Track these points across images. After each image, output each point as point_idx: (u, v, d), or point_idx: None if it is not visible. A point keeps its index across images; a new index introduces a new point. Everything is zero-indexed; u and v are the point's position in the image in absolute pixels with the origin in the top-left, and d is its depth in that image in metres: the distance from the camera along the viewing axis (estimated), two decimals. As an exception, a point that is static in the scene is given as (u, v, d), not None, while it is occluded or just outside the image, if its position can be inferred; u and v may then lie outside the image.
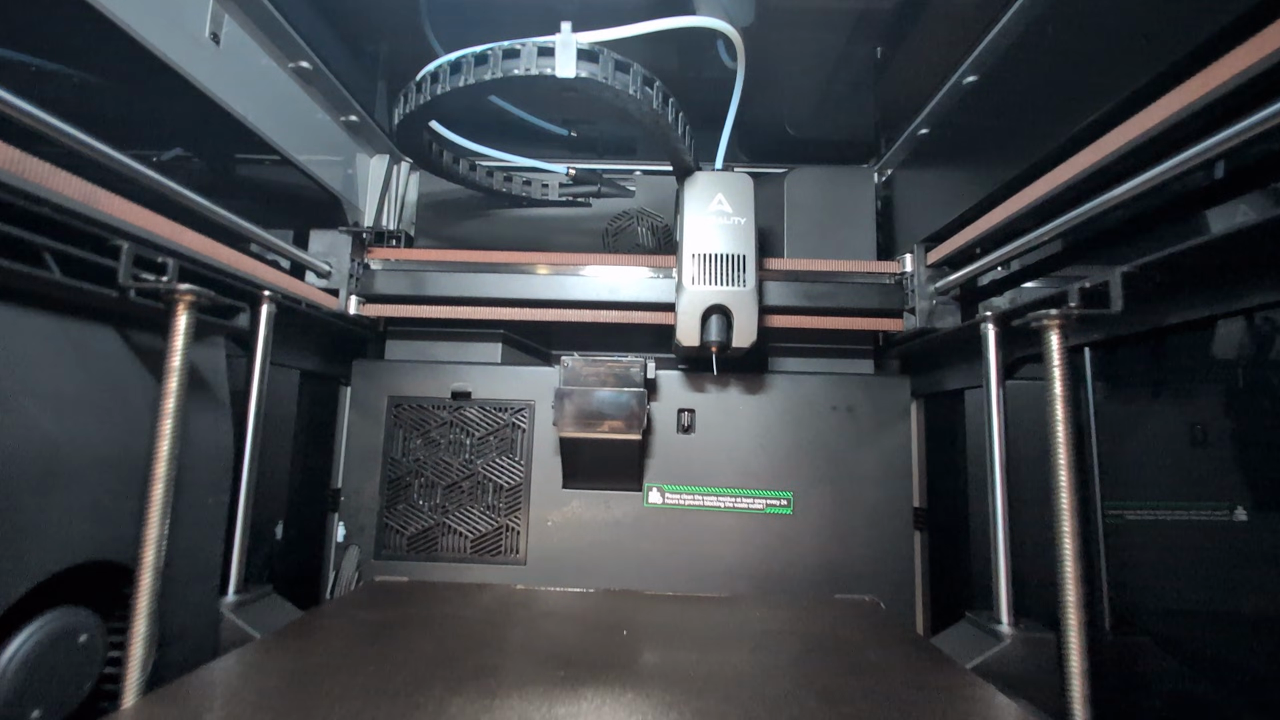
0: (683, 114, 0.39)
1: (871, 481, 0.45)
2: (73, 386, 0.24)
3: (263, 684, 0.24)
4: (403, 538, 0.45)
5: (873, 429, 0.46)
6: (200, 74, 0.33)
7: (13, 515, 0.21)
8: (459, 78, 0.33)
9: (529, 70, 0.31)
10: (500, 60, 0.32)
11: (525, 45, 0.31)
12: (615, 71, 0.32)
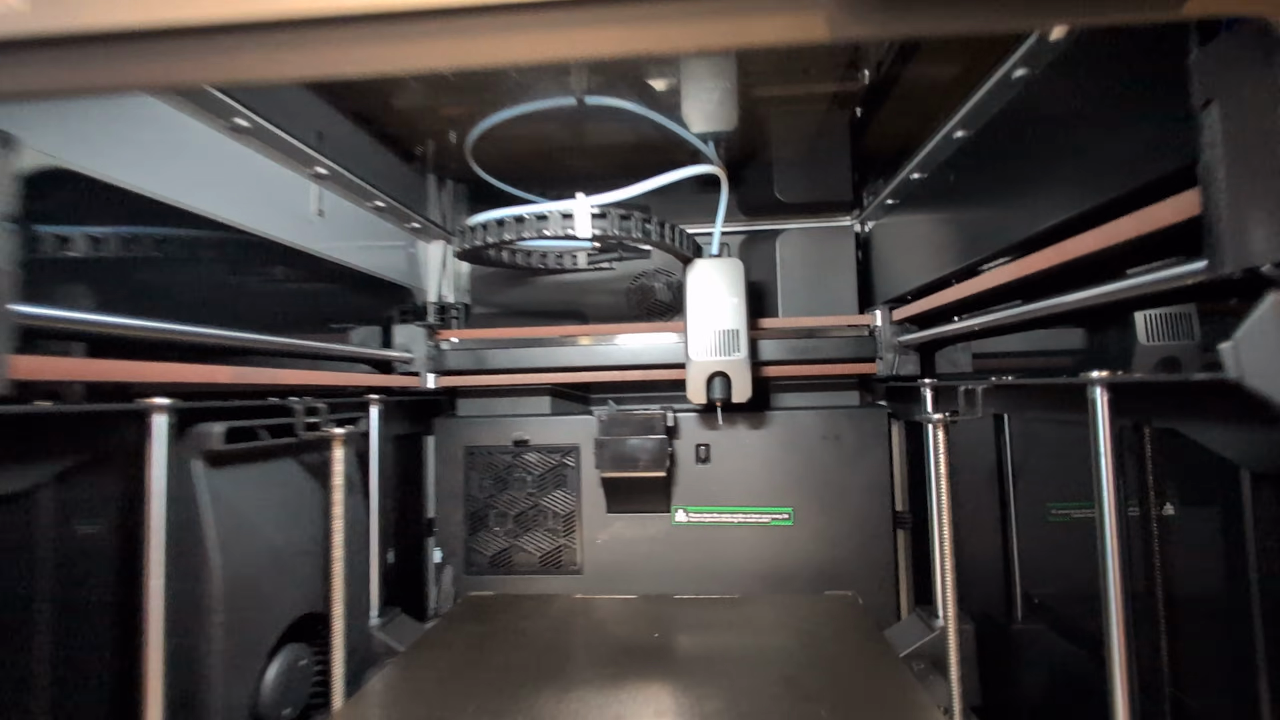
0: (677, 227, 0.49)
1: (857, 494, 0.56)
2: (278, 506, 0.37)
3: (418, 684, 0.38)
4: (485, 557, 0.59)
5: (857, 452, 0.57)
6: (313, 243, 0.46)
7: (265, 595, 0.35)
8: (503, 231, 0.44)
9: (558, 232, 0.42)
10: (534, 222, 0.43)
11: (552, 212, 0.42)
12: (620, 222, 0.43)
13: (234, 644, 0.32)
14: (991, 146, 0.39)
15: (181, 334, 0.32)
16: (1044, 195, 0.32)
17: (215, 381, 0.33)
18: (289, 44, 0.18)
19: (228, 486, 0.33)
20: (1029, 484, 0.45)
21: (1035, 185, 0.33)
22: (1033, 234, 0.32)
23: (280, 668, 0.36)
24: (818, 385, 0.59)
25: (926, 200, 0.50)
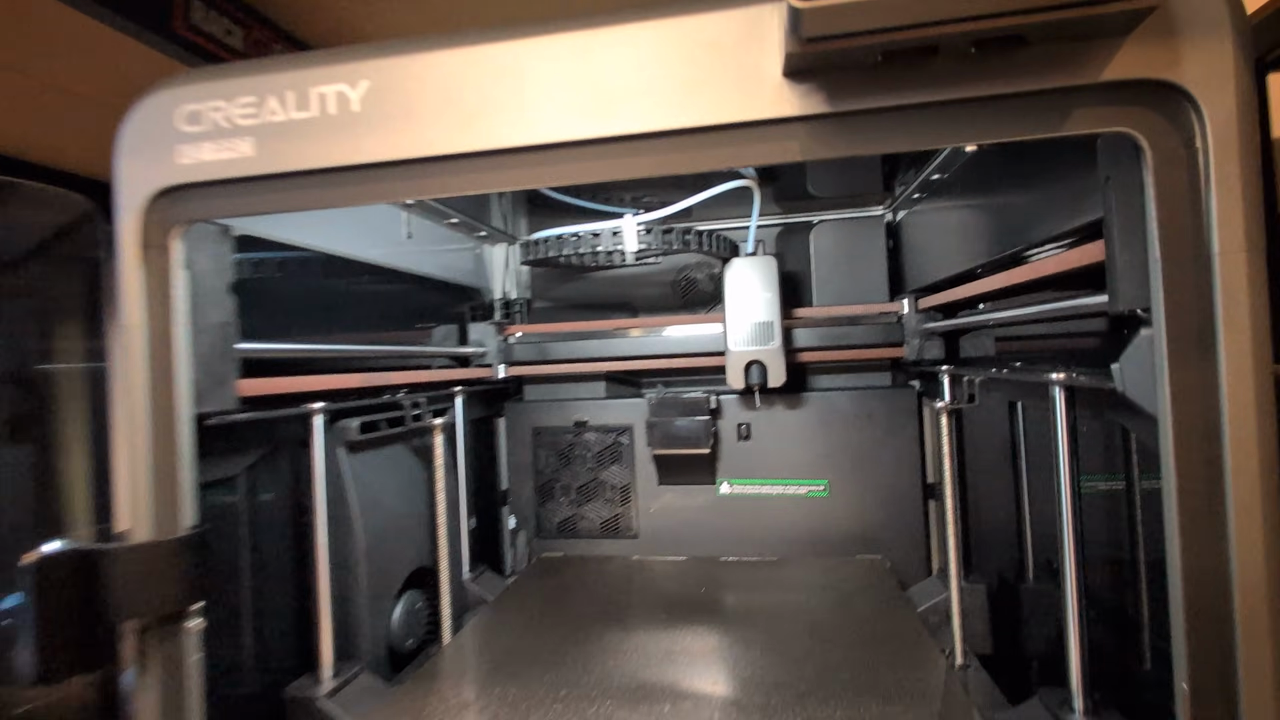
0: (714, 234, 0.57)
1: (889, 468, 0.64)
2: (397, 483, 0.48)
3: (505, 627, 0.48)
4: (553, 523, 0.69)
5: (889, 429, 0.64)
6: (405, 262, 0.55)
7: (391, 550, 0.45)
8: (562, 246, 0.52)
9: (609, 248, 0.51)
10: (590, 239, 0.51)
11: (603, 230, 0.51)
12: (663, 235, 0.51)
13: (373, 587, 0.43)
14: (979, 171, 0.45)
15: (325, 352, 0.42)
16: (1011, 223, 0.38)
17: (349, 387, 0.43)
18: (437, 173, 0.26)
19: (362, 467, 0.44)
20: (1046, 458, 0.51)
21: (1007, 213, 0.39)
22: (1010, 253, 0.38)
23: (403, 608, 0.47)
24: (851, 368, 0.66)
25: (945, 201, 0.55)
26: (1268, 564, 0.21)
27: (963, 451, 0.55)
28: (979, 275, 0.47)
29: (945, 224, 0.56)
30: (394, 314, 0.58)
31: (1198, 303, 0.22)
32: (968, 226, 0.50)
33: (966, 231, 0.50)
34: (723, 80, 0.24)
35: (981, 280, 0.45)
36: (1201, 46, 0.21)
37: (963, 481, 0.58)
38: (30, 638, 0.26)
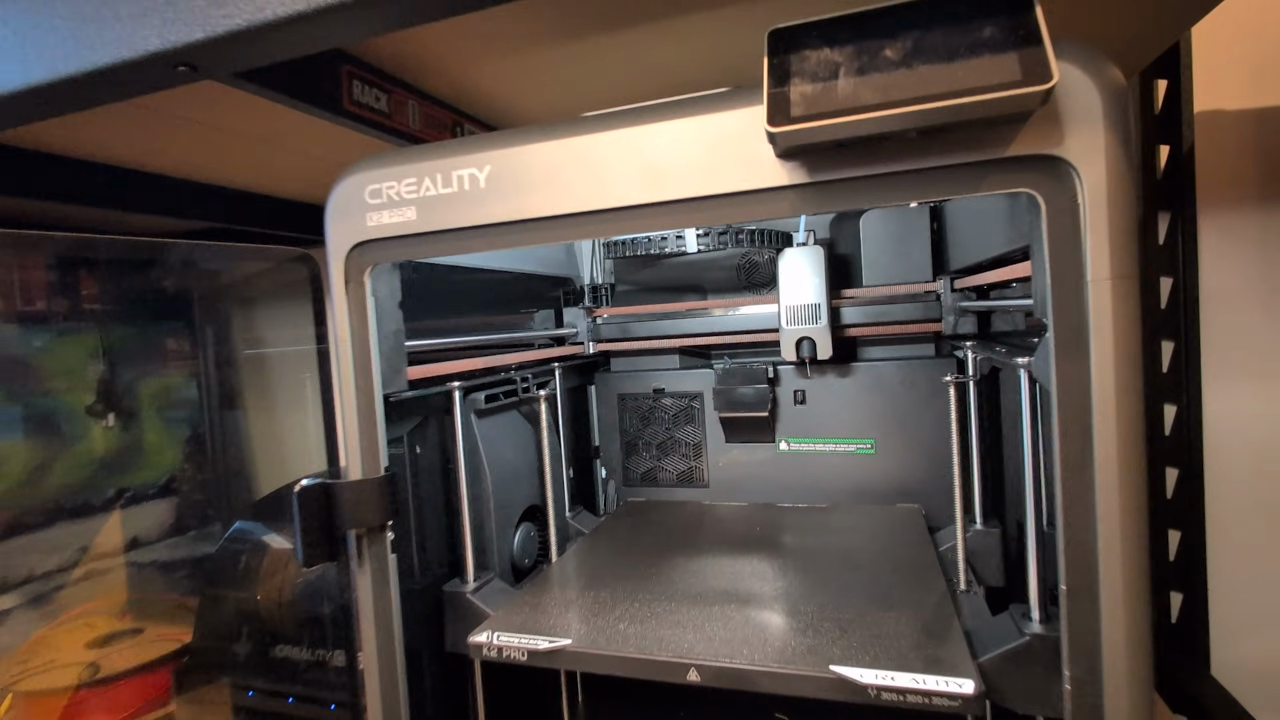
0: (766, 231, 0.66)
1: (930, 429, 0.71)
2: (512, 441, 0.61)
3: (599, 553, 0.62)
4: (637, 474, 0.82)
5: (930, 394, 0.71)
6: (517, 264, 0.68)
7: (511, 492, 0.60)
8: (637, 248, 0.63)
9: (673, 249, 0.61)
10: (658, 241, 0.62)
11: (668, 235, 0.61)
12: (719, 236, 0.61)
13: (499, 518, 0.57)
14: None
15: (459, 344, 0.55)
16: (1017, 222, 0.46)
17: (476, 369, 0.57)
18: (537, 229, 0.38)
19: (488, 429, 0.57)
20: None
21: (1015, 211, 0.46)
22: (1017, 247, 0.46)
23: (521, 535, 0.61)
24: (896, 340, 0.73)
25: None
26: (1120, 497, 0.30)
27: (997, 414, 0.63)
28: (1000, 263, 0.54)
29: (979, 213, 0.62)
30: (506, 305, 0.71)
31: (1077, 316, 0.30)
32: (994, 218, 0.57)
33: (994, 222, 0.57)
34: (735, 160, 0.34)
35: (1001, 269, 0.52)
36: (1079, 128, 0.29)
37: (998, 441, 0.66)
38: (298, 537, 0.41)
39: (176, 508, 1.04)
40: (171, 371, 1.07)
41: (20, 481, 0.88)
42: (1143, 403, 0.30)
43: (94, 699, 0.68)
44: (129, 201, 0.70)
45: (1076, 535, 0.31)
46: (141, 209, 0.72)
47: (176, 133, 0.60)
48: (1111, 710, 0.31)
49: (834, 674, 0.38)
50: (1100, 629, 0.31)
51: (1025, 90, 0.26)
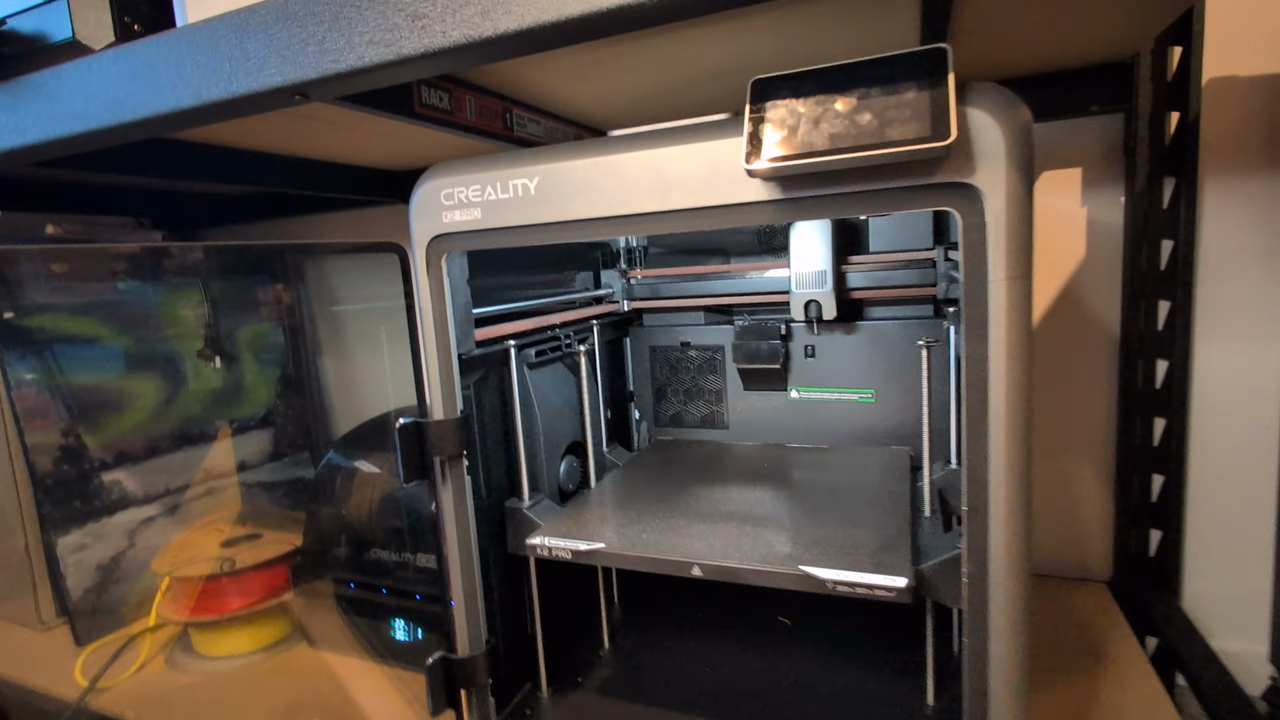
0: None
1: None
2: (557, 388, 0.74)
3: (631, 481, 0.75)
4: (666, 416, 0.94)
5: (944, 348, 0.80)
6: (555, 233, 0.79)
7: (556, 430, 0.73)
8: (664, 222, 0.73)
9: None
10: (681, 218, 0.72)
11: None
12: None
13: (547, 450, 0.71)
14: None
15: (515, 309, 0.67)
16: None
17: (527, 329, 0.69)
18: (576, 228, 0.49)
19: (538, 378, 0.70)
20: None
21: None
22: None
23: (565, 465, 0.74)
24: (898, 302, 0.82)
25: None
26: (1006, 442, 0.40)
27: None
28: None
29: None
30: (553, 267, 0.83)
31: (982, 306, 0.40)
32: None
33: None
34: (726, 179, 0.44)
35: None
36: (986, 162, 0.38)
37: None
38: (399, 461, 0.55)
39: (273, 438, 1.23)
40: (265, 322, 1.24)
41: (152, 413, 1.06)
42: (1029, 373, 0.40)
43: (230, 585, 0.86)
44: (247, 176, 0.86)
45: (974, 469, 0.42)
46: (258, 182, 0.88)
47: (293, 126, 0.74)
48: (994, 599, 0.42)
49: (801, 572, 0.50)
50: (988, 538, 0.42)
51: (930, 145, 0.35)
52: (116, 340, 1.06)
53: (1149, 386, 0.89)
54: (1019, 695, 0.43)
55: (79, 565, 0.93)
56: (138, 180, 1.13)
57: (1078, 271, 0.93)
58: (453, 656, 0.59)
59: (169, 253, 1.16)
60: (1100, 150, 0.90)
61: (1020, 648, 0.42)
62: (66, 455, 0.95)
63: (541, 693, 0.70)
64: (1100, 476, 0.95)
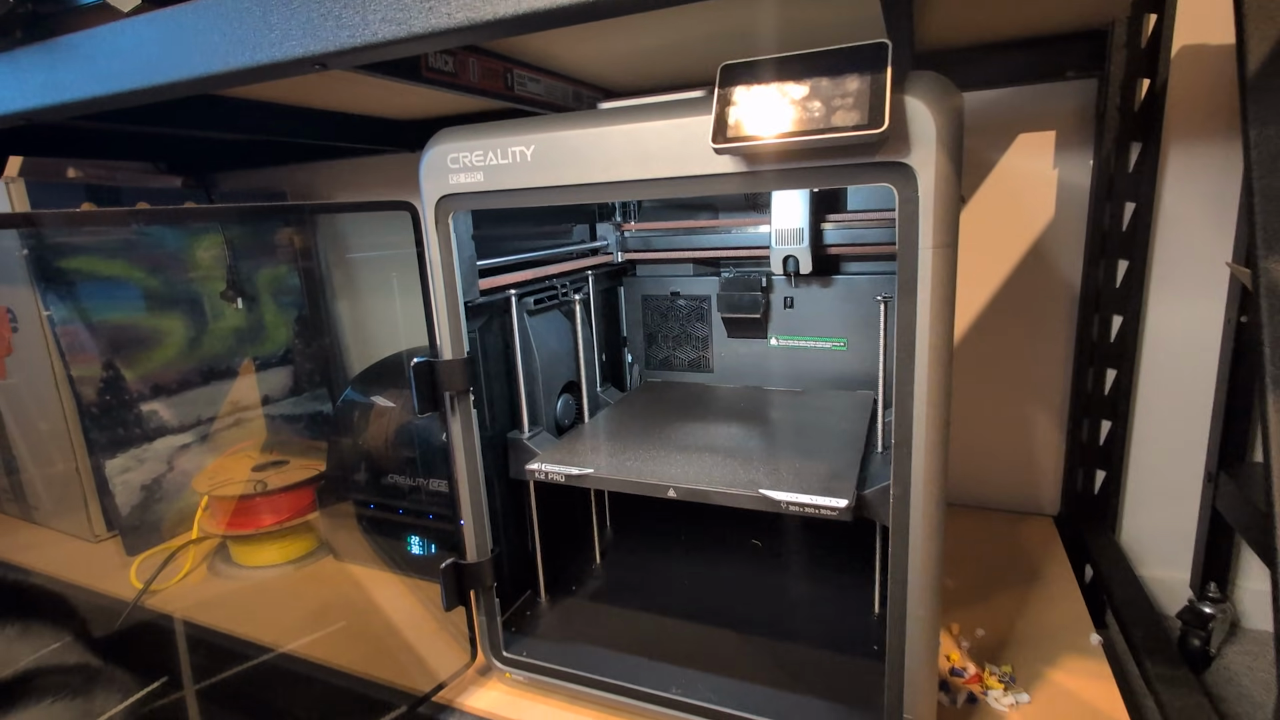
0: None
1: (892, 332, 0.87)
2: (555, 332, 0.81)
3: (621, 417, 0.82)
4: (657, 360, 1.01)
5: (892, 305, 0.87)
6: (553, 188, 0.84)
7: (554, 370, 0.80)
8: (654, 180, 0.78)
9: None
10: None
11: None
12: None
13: (545, 388, 0.78)
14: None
15: (516, 261, 0.74)
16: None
17: (526, 279, 0.75)
18: (568, 192, 0.55)
19: (536, 325, 0.77)
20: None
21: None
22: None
23: (562, 403, 0.82)
24: (871, 258, 0.88)
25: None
26: (928, 386, 0.47)
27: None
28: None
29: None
30: (552, 220, 0.88)
31: (911, 271, 0.46)
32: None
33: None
34: (699, 152, 0.50)
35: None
36: (919, 144, 0.44)
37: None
38: (414, 395, 0.63)
39: (293, 375, 1.31)
40: (282, 266, 1.30)
41: (181, 349, 1.14)
42: (950, 329, 0.47)
43: (262, 504, 0.95)
44: (263, 127, 0.91)
45: (903, 409, 0.49)
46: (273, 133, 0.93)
47: (308, 82, 0.79)
48: (913, 516, 0.50)
49: (760, 494, 0.58)
50: (911, 466, 0.49)
51: (866, 132, 0.41)
52: (145, 282, 1.12)
53: (1103, 340, 0.96)
54: (931, 593, 0.51)
55: (125, 485, 1.02)
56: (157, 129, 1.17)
57: (1046, 231, 0.98)
58: (463, 562, 0.68)
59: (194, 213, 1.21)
60: (1074, 115, 0.93)
61: (933, 554, 0.50)
62: (107, 386, 1.03)
63: (540, 598, 0.80)
64: (1054, 421, 1.02)
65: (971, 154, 0.99)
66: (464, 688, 0.70)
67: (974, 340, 1.04)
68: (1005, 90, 0.96)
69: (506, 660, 0.69)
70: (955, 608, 0.81)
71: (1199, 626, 0.86)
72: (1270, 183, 0.50)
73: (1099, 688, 0.67)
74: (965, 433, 1.07)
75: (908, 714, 0.53)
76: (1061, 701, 0.65)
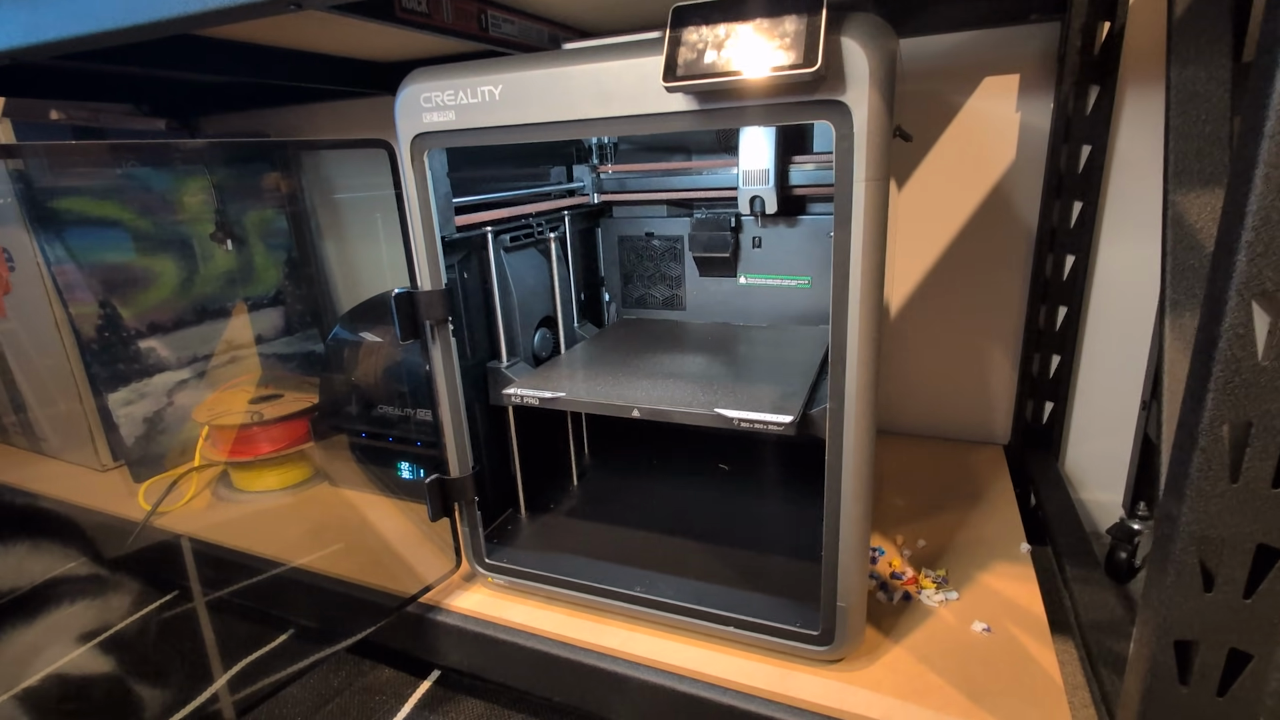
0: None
1: (854, 269, 0.92)
2: (531, 269, 0.85)
3: (597, 349, 0.87)
4: (633, 298, 1.05)
5: (857, 242, 0.91)
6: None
7: (530, 304, 0.84)
8: (625, 121, 0.81)
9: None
10: (639, 118, 0.79)
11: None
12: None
13: (523, 321, 0.83)
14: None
15: (491, 199, 0.77)
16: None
17: (503, 217, 0.79)
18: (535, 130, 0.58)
19: (514, 261, 0.81)
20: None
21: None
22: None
23: (540, 336, 0.86)
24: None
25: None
26: (860, 312, 0.52)
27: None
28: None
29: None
30: (529, 161, 0.91)
31: (847, 204, 0.50)
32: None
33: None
34: (653, 91, 0.53)
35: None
36: (854, 84, 0.47)
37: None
38: (396, 323, 0.67)
39: (285, 314, 1.34)
40: (269, 208, 1.32)
41: (175, 289, 1.17)
42: (881, 257, 0.51)
43: (260, 434, 1.00)
44: (242, 68, 0.92)
45: (838, 332, 0.53)
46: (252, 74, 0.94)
47: (285, 21, 0.80)
48: (847, 429, 0.55)
49: (715, 412, 0.63)
50: (845, 380, 0.54)
51: (801, 71, 0.44)
52: (135, 223, 1.14)
53: (1056, 277, 1.00)
54: (863, 495, 0.57)
55: (129, 418, 1.07)
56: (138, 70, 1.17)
57: (1008, 173, 1.01)
58: (446, 477, 0.74)
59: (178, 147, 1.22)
60: (1037, 58, 0.95)
61: (865, 460, 0.56)
62: (106, 324, 1.07)
63: (521, 514, 0.86)
64: (1009, 355, 1.08)
65: (939, 96, 1.01)
66: (450, 591, 0.77)
67: (935, 277, 1.08)
68: (972, 33, 0.97)
69: (488, 566, 0.76)
70: (903, 523, 0.88)
71: (1126, 541, 0.94)
72: (1184, 120, 0.54)
73: (1022, 588, 0.74)
74: (925, 366, 1.13)
75: (841, 601, 0.60)
76: (986, 599, 0.72)
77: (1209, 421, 0.38)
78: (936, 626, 0.69)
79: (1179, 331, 0.51)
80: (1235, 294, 0.36)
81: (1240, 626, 0.41)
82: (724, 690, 0.63)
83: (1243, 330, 0.37)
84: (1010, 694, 0.59)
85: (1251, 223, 0.35)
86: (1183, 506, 0.40)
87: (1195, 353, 0.39)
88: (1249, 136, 0.35)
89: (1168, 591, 0.42)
